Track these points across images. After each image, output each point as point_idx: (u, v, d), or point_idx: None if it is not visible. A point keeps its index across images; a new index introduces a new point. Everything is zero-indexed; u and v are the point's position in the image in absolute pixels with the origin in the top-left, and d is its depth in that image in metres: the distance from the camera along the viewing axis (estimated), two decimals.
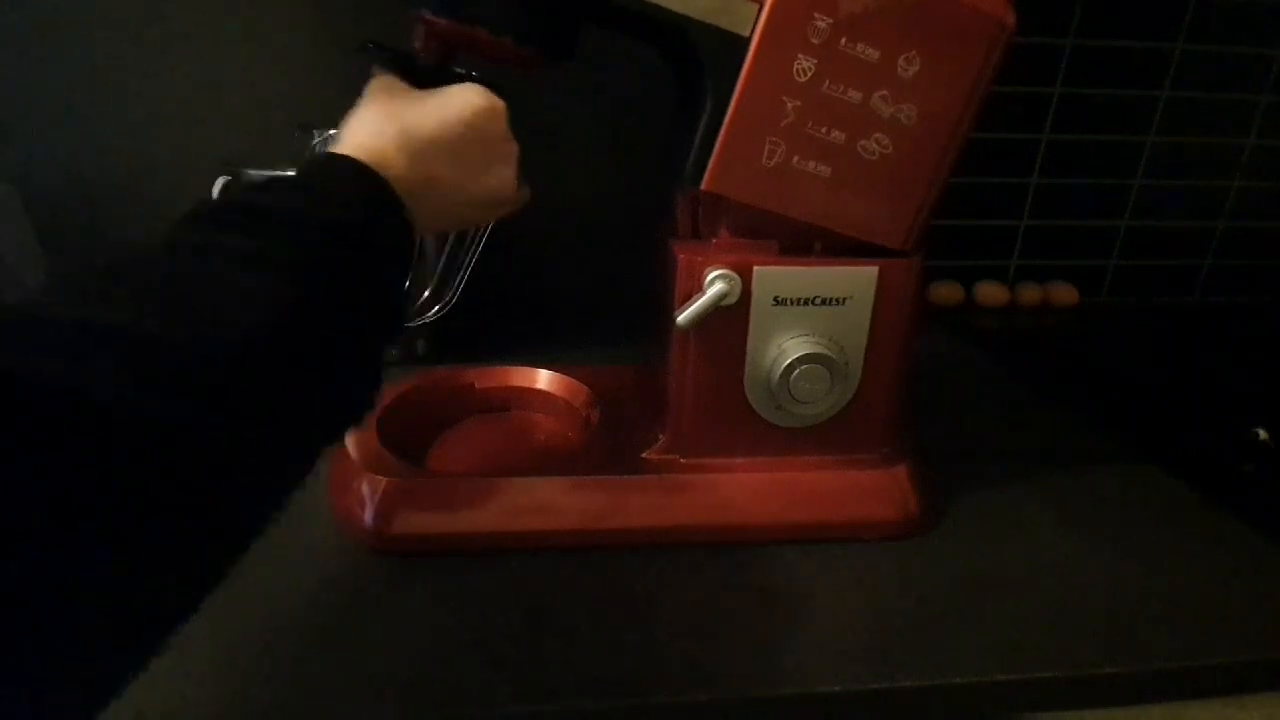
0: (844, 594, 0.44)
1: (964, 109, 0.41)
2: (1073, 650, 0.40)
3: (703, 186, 0.41)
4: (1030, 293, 0.94)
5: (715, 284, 0.43)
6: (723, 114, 0.40)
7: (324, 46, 0.75)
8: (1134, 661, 0.40)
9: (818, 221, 0.43)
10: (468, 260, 0.66)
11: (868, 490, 0.49)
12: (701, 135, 0.41)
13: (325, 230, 0.30)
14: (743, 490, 0.48)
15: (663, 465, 0.49)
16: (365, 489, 0.46)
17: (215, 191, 0.65)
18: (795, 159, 0.41)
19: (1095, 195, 0.95)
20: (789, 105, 0.40)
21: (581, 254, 0.85)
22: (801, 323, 0.45)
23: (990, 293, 0.94)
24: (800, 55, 0.39)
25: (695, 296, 0.43)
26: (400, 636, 0.40)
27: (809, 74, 0.39)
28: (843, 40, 0.39)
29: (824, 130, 0.41)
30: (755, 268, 0.44)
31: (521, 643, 0.40)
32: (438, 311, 0.66)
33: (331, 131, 0.65)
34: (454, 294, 0.66)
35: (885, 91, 0.40)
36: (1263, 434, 0.62)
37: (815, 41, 0.39)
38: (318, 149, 0.64)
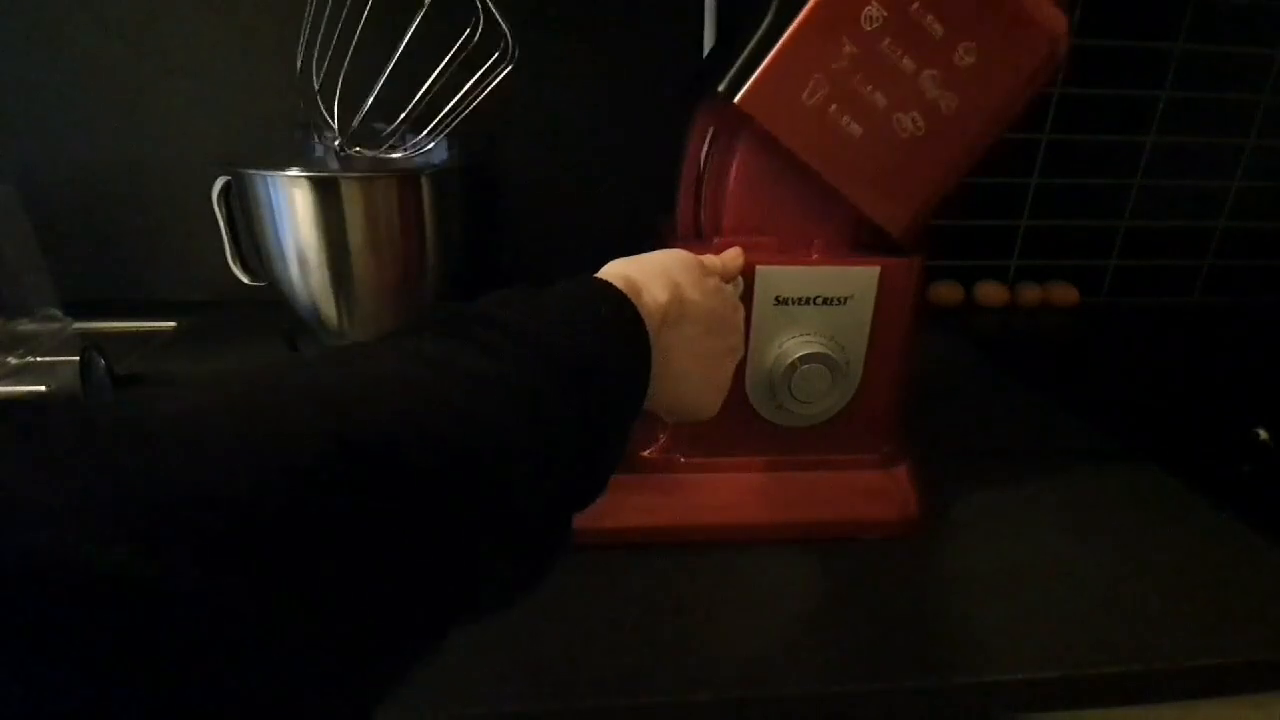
0: (844, 594, 0.44)
1: (999, 115, 0.41)
2: (1073, 650, 0.40)
3: (736, 101, 0.40)
4: (1030, 293, 0.94)
5: None
6: (779, 34, 0.39)
7: (324, 47, 0.75)
8: (1134, 661, 0.40)
9: (829, 178, 0.42)
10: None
11: (868, 490, 0.49)
12: (752, 49, 0.40)
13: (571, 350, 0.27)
14: (743, 490, 0.48)
15: (663, 465, 0.49)
16: None
17: (215, 192, 0.65)
18: (833, 107, 0.40)
19: (1095, 195, 0.95)
20: (846, 49, 0.39)
21: (582, 253, 0.85)
22: (802, 322, 0.45)
23: (990, 293, 0.94)
24: (874, 2, 0.38)
25: None
26: None
27: (876, 24, 0.39)
28: (916, 4, 0.38)
29: (869, 89, 0.40)
30: (756, 267, 0.44)
31: (521, 642, 0.40)
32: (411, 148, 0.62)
33: (329, 132, 0.65)
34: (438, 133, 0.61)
35: (936, 72, 0.40)
36: (1263, 434, 0.62)
37: None
38: (317, 149, 0.64)
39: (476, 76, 0.57)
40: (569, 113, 0.81)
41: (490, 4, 0.55)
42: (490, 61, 0.57)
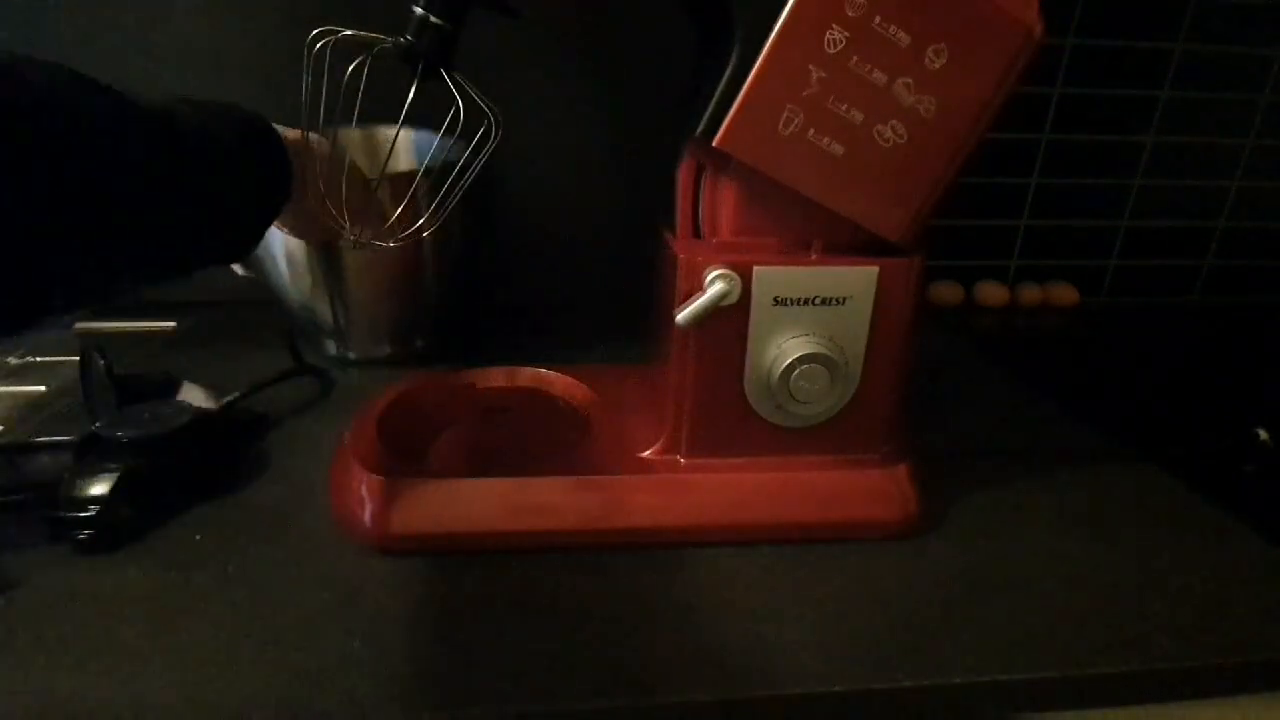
0: (844, 594, 0.44)
1: (982, 111, 0.41)
2: (1073, 650, 0.40)
3: (714, 143, 0.41)
4: (1030, 293, 0.94)
5: (715, 284, 0.43)
6: (747, 71, 0.39)
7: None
8: (1134, 661, 0.40)
9: (820, 200, 0.42)
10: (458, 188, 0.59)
11: (868, 490, 0.49)
12: (722, 90, 0.40)
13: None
14: (743, 490, 0.48)
15: (663, 465, 0.49)
16: (365, 489, 0.46)
17: None
18: (811, 132, 0.41)
19: (1095, 195, 0.95)
20: (814, 75, 0.39)
21: (582, 254, 0.85)
22: (802, 323, 0.45)
23: (990, 293, 0.94)
24: (834, 25, 0.38)
25: (695, 296, 0.43)
26: (400, 637, 0.40)
27: (839, 45, 0.39)
28: (878, 18, 0.38)
29: (844, 108, 0.40)
30: (755, 268, 0.44)
31: (521, 643, 0.40)
32: (410, 235, 0.59)
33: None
34: (434, 222, 0.59)
35: (910, 79, 0.40)
36: (1263, 434, 0.62)
37: (851, 14, 0.38)
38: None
39: (467, 154, 0.57)
40: (569, 112, 0.81)
41: (469, 89, 0.54)
42: (478, 137, 0.57)
